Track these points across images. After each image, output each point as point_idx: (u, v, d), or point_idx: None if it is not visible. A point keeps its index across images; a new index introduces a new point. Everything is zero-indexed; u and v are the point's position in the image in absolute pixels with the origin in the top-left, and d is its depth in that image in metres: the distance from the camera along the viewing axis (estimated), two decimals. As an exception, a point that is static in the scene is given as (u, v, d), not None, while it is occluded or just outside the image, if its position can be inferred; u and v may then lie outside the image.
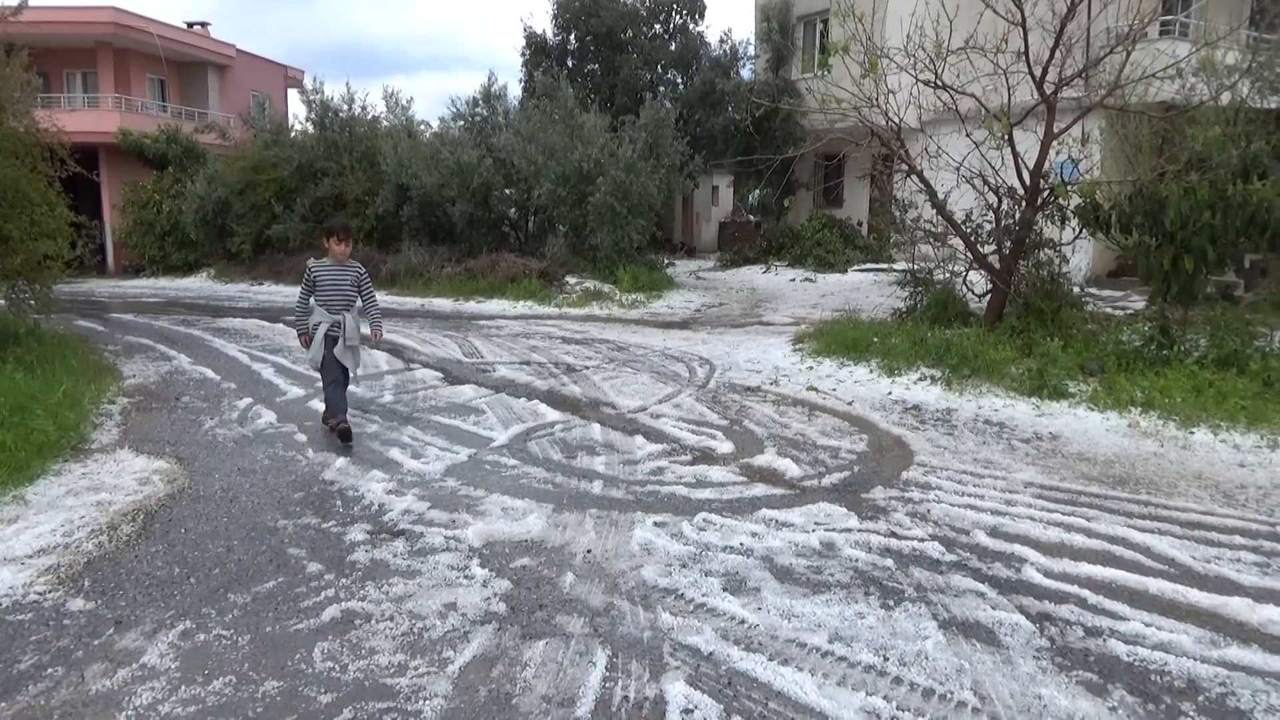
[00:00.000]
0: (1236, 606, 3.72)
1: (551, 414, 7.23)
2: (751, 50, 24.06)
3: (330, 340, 6.25)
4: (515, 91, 25.95)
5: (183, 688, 3.13)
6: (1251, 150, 8.60)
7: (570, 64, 23.99)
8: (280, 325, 13.00)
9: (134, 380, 8.77)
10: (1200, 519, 4.85)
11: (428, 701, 3.04)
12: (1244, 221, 8.04)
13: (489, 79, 24.11)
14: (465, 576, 4.06)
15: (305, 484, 5.43)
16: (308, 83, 22.26)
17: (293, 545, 4.43)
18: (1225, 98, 10.24)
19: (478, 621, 3.62)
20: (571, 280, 16.98)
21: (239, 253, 22.14)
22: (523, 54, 24.50)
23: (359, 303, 6.45)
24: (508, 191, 18.99)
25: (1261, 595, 3.85)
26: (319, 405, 7.49)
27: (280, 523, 4.76)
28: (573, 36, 23.99)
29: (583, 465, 5.82)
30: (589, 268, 17.60)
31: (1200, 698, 3.09)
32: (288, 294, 18.69)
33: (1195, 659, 3.33)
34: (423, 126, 22.09)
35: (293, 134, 22.79)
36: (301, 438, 6.50)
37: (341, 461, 5.86)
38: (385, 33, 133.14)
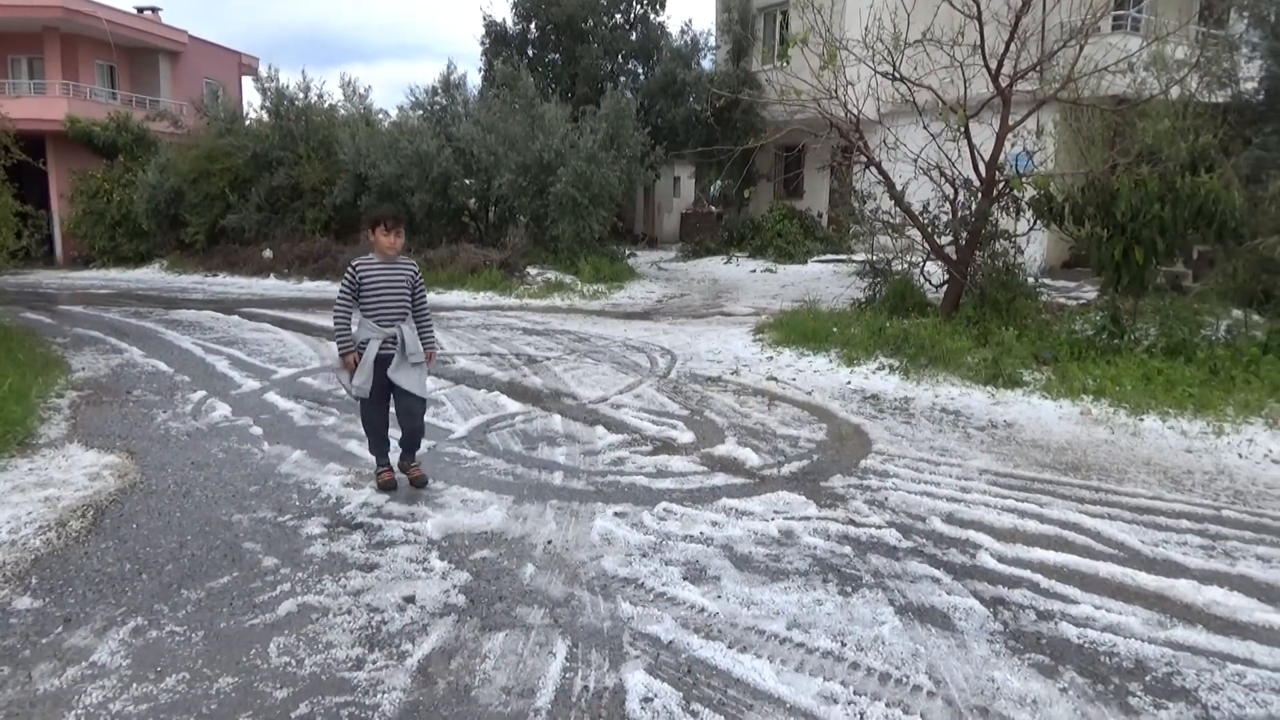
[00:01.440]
0: (1183, 588, 3.81)
1: (512, 405, 7.20)
2: (712, 41, 24.09)
3: (383, 361, 4.89)
4: (475, 81, 25.78)
5: (134, 685, 3.08)
6: (1200, 144, 8.80)
7: (531, 53, 23.84)
8: (235, 317, 12.79)
9: (83, 373, 8.58)
10: (1149, 504, 4.96)
11: (386, 695, 3.02)
12: (1192, 213, 8.22)
13: (448, 68, 23.91)
14: (424, 569, 4.03)
15: (261, 477, 5.35)
16: (263, 70, 21.88)
17: (248, 539, 4.37)
18: (1174, 92, 10.46)
19: (437, 614, 3.59)
20: (532, 271, 16.90)
21: (193, 243, 21.75)
22: (482, 43, 24.32)
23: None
24: (468, 182, 18.83)
25: (1206, 577, 3.95)
26: (275, 398, 7.40)
27: (235, 517, 4.68)
28: (533, 25, 23.84)
29: (543, 456, 5.81)
30: (550, 258, 17.53)
31: (1147, 678, 3.16)
32: (243, 285, 18.42)
33: (1143, 640, 3.41)
34: (381, 116, 21.88)
35: (248, 122, 22.40)
36: (257, 431, 6.40)
37: (298, 455, 5.78)
38: (343, 20, 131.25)
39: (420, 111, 21.08)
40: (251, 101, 31.55)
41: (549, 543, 4.33)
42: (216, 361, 9.11)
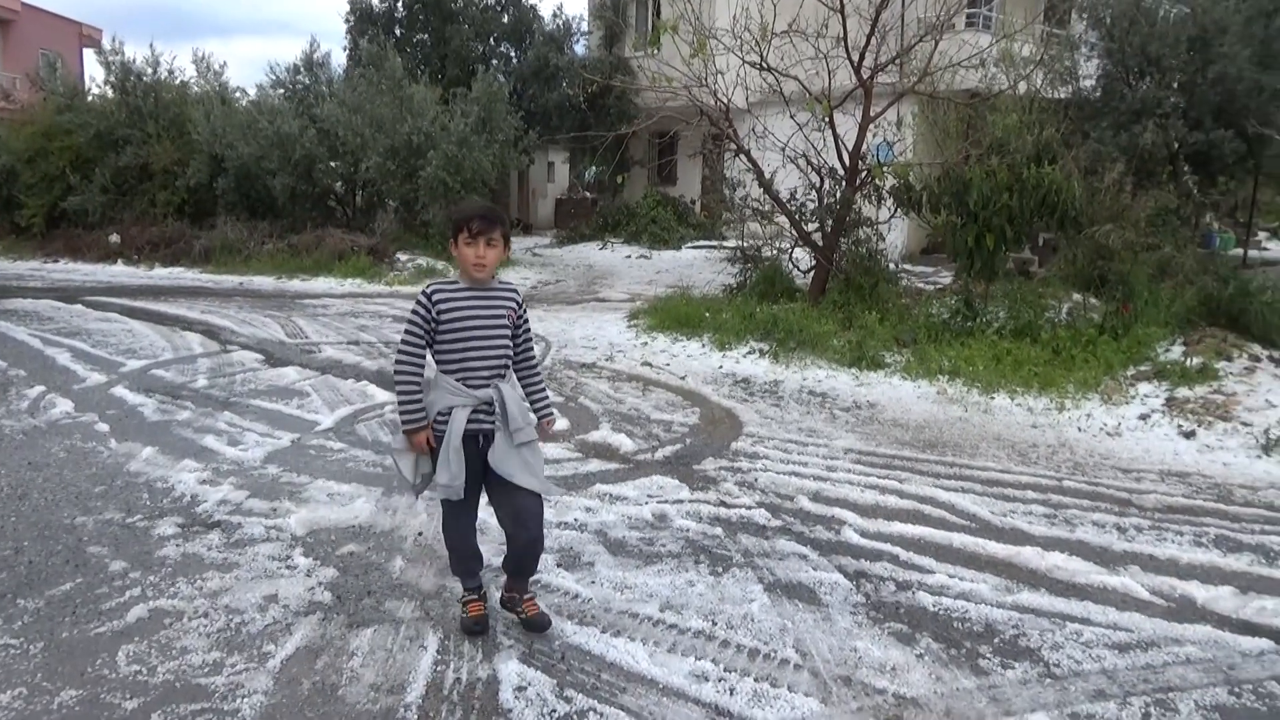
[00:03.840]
0: (1028, 555, 4.06)
1: (381, 395, 7.01)
2: (585, 26, 24.00)
3: (474, 440, 3.19)
4: (340, 60, 24.88)
5: (-38, 705, 2.85)
6: (1044, 137, 9.35)
7: (398, 33, 23.16)
8: (79, 306, 11.96)
9: (-98, 369, 7.86)
10: (998, 477, 5.26)
11: (246, 699, 2.89)
12: (1037, 203, 8.75)
13: (311, 45, 22.94)
14: (287, 567, 3.88)
15: (107, 477, 5.03)
16: (106, 42, 20.50)
17: (93, 543, 4.10)
18: (1022, 87, 11.07)
19: (301, 613, 3.47)
20: (403, 257, 16.49)
21: (29, 227, 20.16)
22: (347, 20, 23.46)
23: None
24: (333, 164, 18.17)
25: (1049, 544, 4.22)
26: (123, 392, 6.96)
27: (79, 520, 4.39)
28: (400, 4, 23.17)
29: (414, 446, 5.67)
30: (421, 244, 17.14)
31: (996, 640, 3.35)
32: (87, 272, 17.23)
33: (992, 605, 3.62)
34: (238, 94, 20.79)
35: (90, 98, 20.93)
36: (103, 428, 6.01)
37: (149, 452, 5.45)
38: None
39: (281, 90, 20.15)
40: (94, 76, 29.60)
41: (420, 535, 4.24)
42: (57, 354, 8.49)
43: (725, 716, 2.84)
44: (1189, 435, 6.06)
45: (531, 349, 3.43)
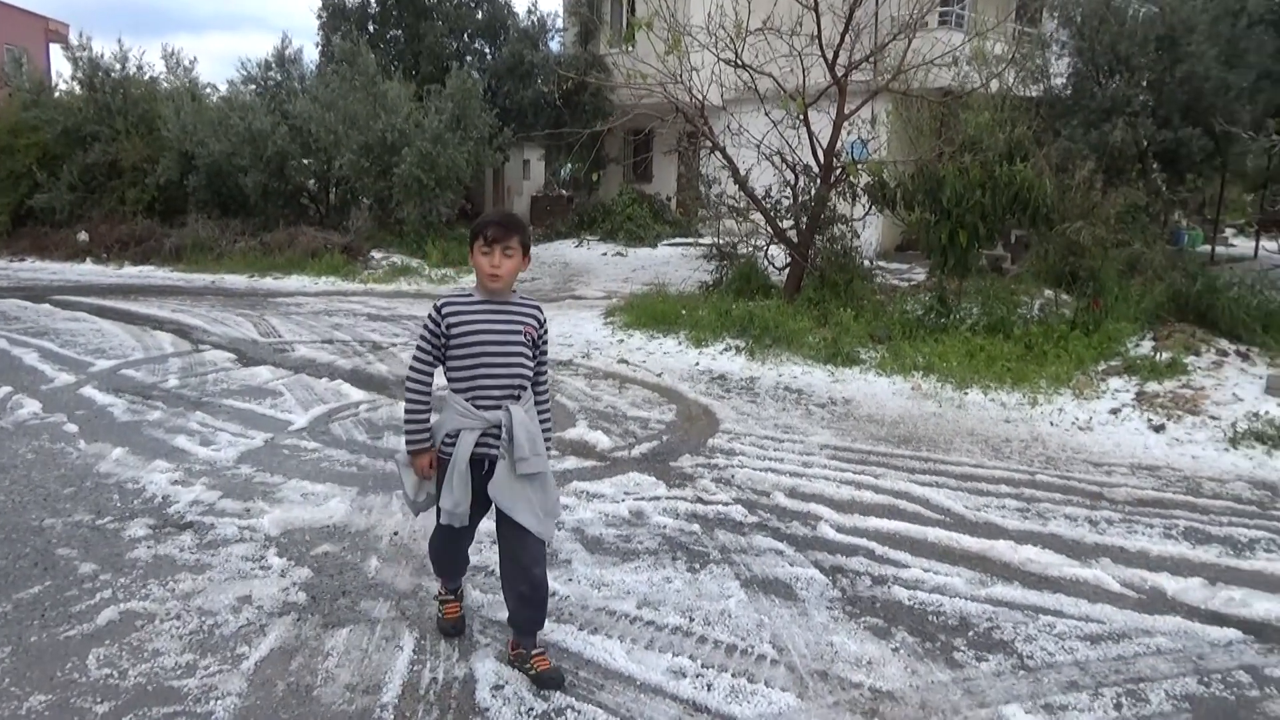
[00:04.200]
0: (1001, 549, 4.10)
1: (356, 394, 6.96)
2: (560, 22, 23.91)
3: (480, 465, 2.97)
4: (312, 56, 24.62)
5: (-72, 711, 2.80)
6: (1015, 135, 9.43)
7: (372, 29, 22.94)
8: (46, 305, 11.78)
9: None
10: (972, 471, 5.30)
11: (220, 701, 2.87)
12: (1009, 200, 8.82)
13: (283, 41, 22.74)
14: (261, 567, 3.84)
15: (77, 478, 4.95)
16: (73, 38, 20.21)
17: (62, 545, 4.04)
18: (994, 85, 11.16)
19: (275, 613, 3.44)
20: (377, 255, 16.38)
21: (-6, 224, 19.86)
22: (320, 16, 23.21)
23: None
24: (306, 161, 18.02)
25: (1022, 537, 4.26)
26: (92, 392, 6.87)
27: (47, 522, 4.32)
28: None
29: (389, 446, 5.64)
30: (396, 242, 17.04)
31: (970, 633, 3.38)
32: (55, 270, 16.98)
33: (966, 598, 3.65)
34: (209, 90, 20.56)
35: (57, 94, 20.62)
36: (72, 428, 5.92)
37: (119, 452, 5.38)
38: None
39: (253, 87, 19.97)
40: (61, 72, 29.11)
41: (395, 534, 4.22)
42: (24, 354, 8.36)
43: (703, 712, 2.85)
44: (1159, 429, 6.14)
45: (547, 373, 3.16)
